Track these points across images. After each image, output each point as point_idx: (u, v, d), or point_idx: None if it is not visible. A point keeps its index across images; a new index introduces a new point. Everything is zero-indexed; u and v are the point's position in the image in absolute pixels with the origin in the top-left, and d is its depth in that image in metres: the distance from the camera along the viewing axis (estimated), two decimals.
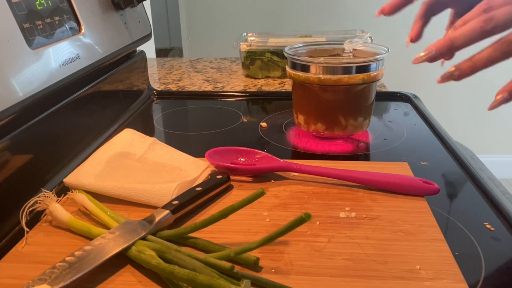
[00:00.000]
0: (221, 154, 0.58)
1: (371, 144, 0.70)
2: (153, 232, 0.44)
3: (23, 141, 0.52)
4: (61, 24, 0.60)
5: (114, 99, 0.80)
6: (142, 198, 0.50)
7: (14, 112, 0.48)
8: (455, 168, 0.61)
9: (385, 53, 0.67)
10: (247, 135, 0.75)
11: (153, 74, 1.17)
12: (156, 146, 0.60)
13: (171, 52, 2.28)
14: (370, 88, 0.67)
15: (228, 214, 0.42)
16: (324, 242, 0.43)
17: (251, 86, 1.03)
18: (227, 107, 0.90)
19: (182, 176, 0.55)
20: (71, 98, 0.63)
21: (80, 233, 0.45)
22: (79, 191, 0.50)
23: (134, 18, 0.85)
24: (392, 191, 0.52)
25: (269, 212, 0.49)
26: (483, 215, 0.50)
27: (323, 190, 0.53)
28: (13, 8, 0.51)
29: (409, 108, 0.85)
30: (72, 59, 0.61)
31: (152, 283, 0.39)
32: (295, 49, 0.73)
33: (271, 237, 0.40)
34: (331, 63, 0.65)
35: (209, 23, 2.38)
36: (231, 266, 0.38)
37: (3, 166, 0.48)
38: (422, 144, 0.70)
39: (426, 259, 0.40)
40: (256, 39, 1.14)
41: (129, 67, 0.85)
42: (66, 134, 0.62)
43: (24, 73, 0.51)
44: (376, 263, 0.40)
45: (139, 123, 0.82)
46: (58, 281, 0.37)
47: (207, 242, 0.43)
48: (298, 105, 0.71)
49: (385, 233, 0.45)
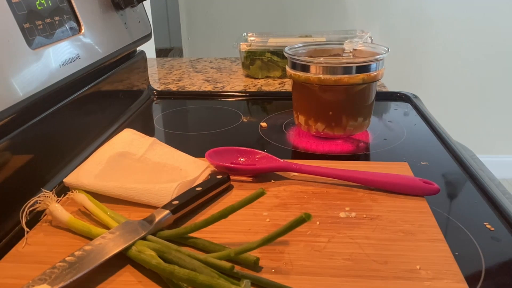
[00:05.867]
0: (221, 154, 0.58)
1: (371, 144, 0.70)
2: (153, 232, 0.44)
3: (23, 141, 0.52)
4: (61, 24, 0.60)
5: (114, 99, 0.80)
6: (142, 198, 0.50)
7: (14, 112, 0.48)
8: (455, 168, 0.61)
9: (385, 53, 0.67)
10: (247, 135, 0.75)
11: (153, 74, 1.17)
12: (156, 146, 0.60)
13: (171, 52, 2.28)
14: (370, 88, 0.67)
15: (228, 214, 0.42)
16: (324, 242, 0.43)
17: (251, 86, 1.03)
18: (227, 107, 0.90)
19: (182, 176, 0.55)
20: (71, 98, 0.63)
21: (80, 233, 0.45)
22: (79, 191, 0.50)
23: (134, 18, 0.85)
24: (392, 191, 0.52)
25: (269, 212, 0.49)
26: (483, 215, 0.50)
27: (323, 190, 0.53)
28: (13, 8, 0.51)
29: (409, 108, 0.85)
30: (72, 59, 0.61)
31: (152, 283, 0.39)
32: (295, 49, 0.73)
33: (271, 237, 0.40)
34: (331, 63, 0.65)
35: (209, 23, 2.38)
36: (231, 266, 0.38)
37: (3, 166, 0.48)
38: (422, 144, 0.70)
39: (426, 259, 0.40)
40: (256, 39, 1.14)
41: (129, 67, 0.85)
42: (66, 134, 0.62)
43: (24, 73, 0.51)
44: (376, 263, 0.40)
45: (139, 123, 0.82)
46: (58, 281, 0.37)
47: (207, 242, 0.43)
48: (298, 105, 0.71)
49: (385, 233, 0.45)
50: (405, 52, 2.29)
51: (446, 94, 2.36)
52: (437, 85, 2.36)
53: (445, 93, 2.36)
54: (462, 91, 2.37)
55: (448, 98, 2.36)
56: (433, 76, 2.35)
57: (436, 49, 2.31)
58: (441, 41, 2.30)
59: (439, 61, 2.33)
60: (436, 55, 2.32)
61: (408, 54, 2.30)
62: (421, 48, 2.31)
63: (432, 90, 2.34)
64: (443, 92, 2.36)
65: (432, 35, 2.29)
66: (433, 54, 2.32)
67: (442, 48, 2.31)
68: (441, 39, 2.30)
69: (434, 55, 2.32)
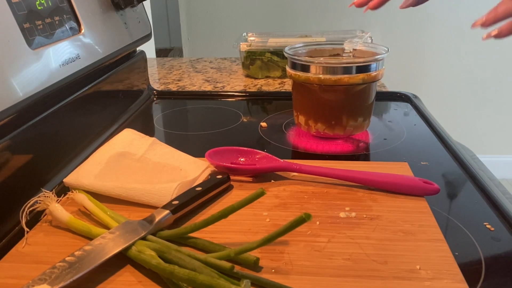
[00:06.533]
0: (221, 154, 0.58)
1: (371, 144, 0.70)
2: (153, 232, 0.44)
3: (23, 141, 0.52)
4: (61, 24, 0.60)
5: (114, 99, 0.80)
6: (142, 198, 0.50)
7: (14, 112, 0.48)
8: (455, 168, 0.61)
9: (385, 53, 0.67)
10: (247, 135, 0.75)
11: (153, 74, 1.17)
12: (156, 146, 0.60)
13: (171, 52, 2.28)
14: (370, 88, 0.67)
15: (228, 214, 0.42)
16: (324, 242, 0.43)
17: (251, 86, 1.03)
18: (227, 107, 0.90)
19: (182, 176, 0.55)
20: (71, 98, 0.63)
21: (80, 233, 0.45)
22: (79, 191, 0.50)
23: (134, 18, 0.85)
24: (392, 191, 0.52)
25: (269, 212, 0.49)
26: (483, 215, 0.50)
27: (323, 190, 0.53)
28: (13, 8, 0.51)
29: (409, 108, 0.85)
30: (72, 59, 0.61)
31: (152, 283, 0.39)
32: (295, 49, 0.73)
33: (271, 237, 0.40)
34: (331, 63, 0.65)
35: (209, 23, 2.38)
36: (231, 266, 0.38)
37: (3, 166, 0.48)
38: (422, 144, 0.70)
39: (426, 259, 0.40)
40: (256, 39, 1.14)
41: (129, 67, 0.85)
42: (66, 134, 0.62)
43: (24, 73, 0.51)
44: (376, 263, 0.40)
45: (139, 123, 0.82)
46: (58, 281, 0.37)
47: (207, 242, 0.43)
48: (298, 105, 0.71)
49: (385, 233, 0.45)
50: (405, 52, 2.29)
51: (446, 94, 2.36)
52: (437, 85, 2.36)
53: (445, 93, 2.36)
54: (462, 91, 2.37)
55: (448, 98, 2.36)
56: (433, 76, 2.35)
57: (436, 49, 2.31)
58: (441, 41, 2.30)
59: (439, 61, 2.33)
60: (436, 55, 2.32)
61: (408, 54, 2.30)
62: (421, 48, 2.31)
63: (432, 90, 2.34)
64: (443, 92, 2.36)
65: (432, 35, 2.29)
66: (433, 54, 2.32)
67: (442, 48, 2.31)
68: (441, 39, 2.29)
69: (434, 55, 2.32)
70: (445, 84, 2.36)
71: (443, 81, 2.36)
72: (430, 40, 2.30)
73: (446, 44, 2.30)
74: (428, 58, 2.33)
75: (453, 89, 2.37)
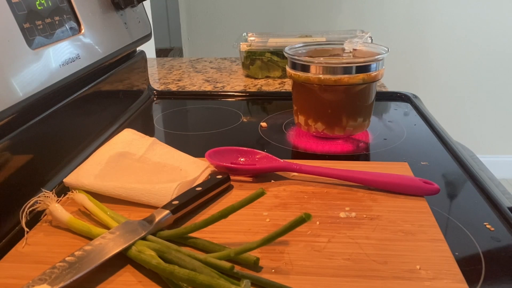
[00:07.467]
0: (221, 154, 0.58)
1: (371, 144, 0.70)
2: (153, 232, 0.44)
3: (23, 141, 0.52)
4: (61, 24, 0.60)
5: (114, 99, 0.80)
6: (142, 198, 0.50)
7: (14, 112, 0.48)
8: (455, 168, 0.61)
9: (385, 53, 0.67)
10: (247, 135, 0.75)
11: (153, 74, 1.17)
12: (156, 146, 0.60)
13: (171, 52, 2.28)
14: (370, 88, 0.67)
15: (228, 214, 0.42)
16: (324, 242, 0.43)
17: (251, 86, 1.03)
18: (227, 107, 0.90)
19: (182, 176, 0.55)
20: (71, 98, 0.63)
21: (80, 233, 0.45)
22: (79, 191, 0.50)
23: (134, 18, 0.85)
24: (392, 191, 0.52)
25: (269, 212, 0.49)
26: (483, 215, 0.50)
27: (323, 190, 0.53)
28: (13, 8, 0.51)
29: (409, 108, 0.85)
30: (72, 59, 0.61)
31: (152, 283, 0.39)
32: (295, 49, 0.73)
33: (271, 237, 0.40)
34: (331, 63, 0.65)
35: (209, 23, 2.38)
36: (231, 266, 0.38)
37: (3, 166, 0.48)
38: (422, 144, 0.70)
39: (426, 259, 0.40)
40: (256, 39, 1.14)
41: (129, 67, 0.85)
42: (66, 134, 0.62)
43: (24, 73, 0.51)
44: (376, 263, 0.40)
45: (139, 123, 0.82)
46: (58, 281, 0.37)
47: (207, 242, 0.43)
48: (298, 105, 0.71)
49: (385, 233, 0.45)
50: (405, 52, 2.29)
51: (446, 94, 2.36)
52: (437, 85, 2.36)
53: (445, 93, 2.36)
54: (462, 91, 2.37)
55: (448, 98, 2.37)
56: (433, 76, 2.35)
57: (436, 49, 2.31)
58: (441, 41, 2.30)
59: (439, 61, 2.33)
60: (436, 55, 2.32)
61: (408, 54, 2.30)
62: (421, 48, 2.31)
63: (432, 90, 2.34)
64: (443, 92, 2.36)
65: (432, 35, 2.29)
66: (433, 54, 2.32)
67: (442, 48, 2.31)
68: (441, 39, 2.30)
69: (434, 55, 2.32)
70: (445, 84, 2.36)
71: (443, 81, 2.36)
72: (430, 40, 2.30)
73: (446, 44, 2.30)
74: (428, 58, 2.33)
75: (453, 89, 2.37)
